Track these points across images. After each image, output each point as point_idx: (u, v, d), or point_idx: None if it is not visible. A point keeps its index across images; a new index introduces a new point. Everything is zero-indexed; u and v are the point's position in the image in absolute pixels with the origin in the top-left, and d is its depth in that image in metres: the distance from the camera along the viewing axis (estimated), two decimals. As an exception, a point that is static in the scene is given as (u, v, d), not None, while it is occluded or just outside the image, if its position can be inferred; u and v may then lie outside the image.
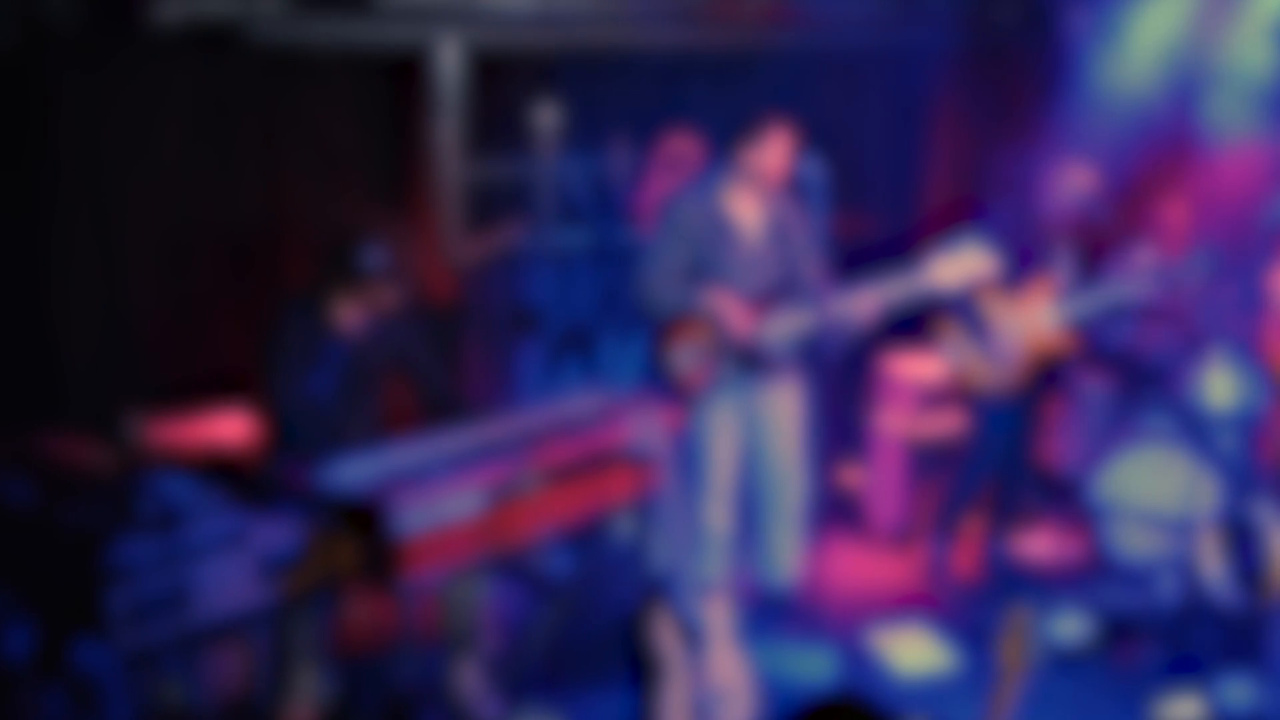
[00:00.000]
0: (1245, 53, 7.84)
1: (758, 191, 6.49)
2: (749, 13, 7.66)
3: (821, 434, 6.85)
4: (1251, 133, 8.43)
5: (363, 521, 5.01)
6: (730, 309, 6.38)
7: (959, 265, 6.42)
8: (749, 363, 6.50)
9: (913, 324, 7.18)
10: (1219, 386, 7.28)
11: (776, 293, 6.52)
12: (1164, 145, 7.94)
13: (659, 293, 6.47)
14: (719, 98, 8.09)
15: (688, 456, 6.67)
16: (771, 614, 6.95)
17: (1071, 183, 6.96)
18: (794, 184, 6.34)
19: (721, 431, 6.65)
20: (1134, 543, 7.49)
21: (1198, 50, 7.84)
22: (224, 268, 7.01)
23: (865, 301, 6.38)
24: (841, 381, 8.55)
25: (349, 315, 5.72)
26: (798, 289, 6.54)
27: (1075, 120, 7.48)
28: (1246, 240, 7.13)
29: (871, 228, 8.39)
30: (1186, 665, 6.25)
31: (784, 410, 6.76)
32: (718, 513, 6.74)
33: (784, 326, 6.49)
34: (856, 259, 8.14)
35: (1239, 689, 6.06)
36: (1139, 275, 7.05)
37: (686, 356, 6.50)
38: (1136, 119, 7.67)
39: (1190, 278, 6.87)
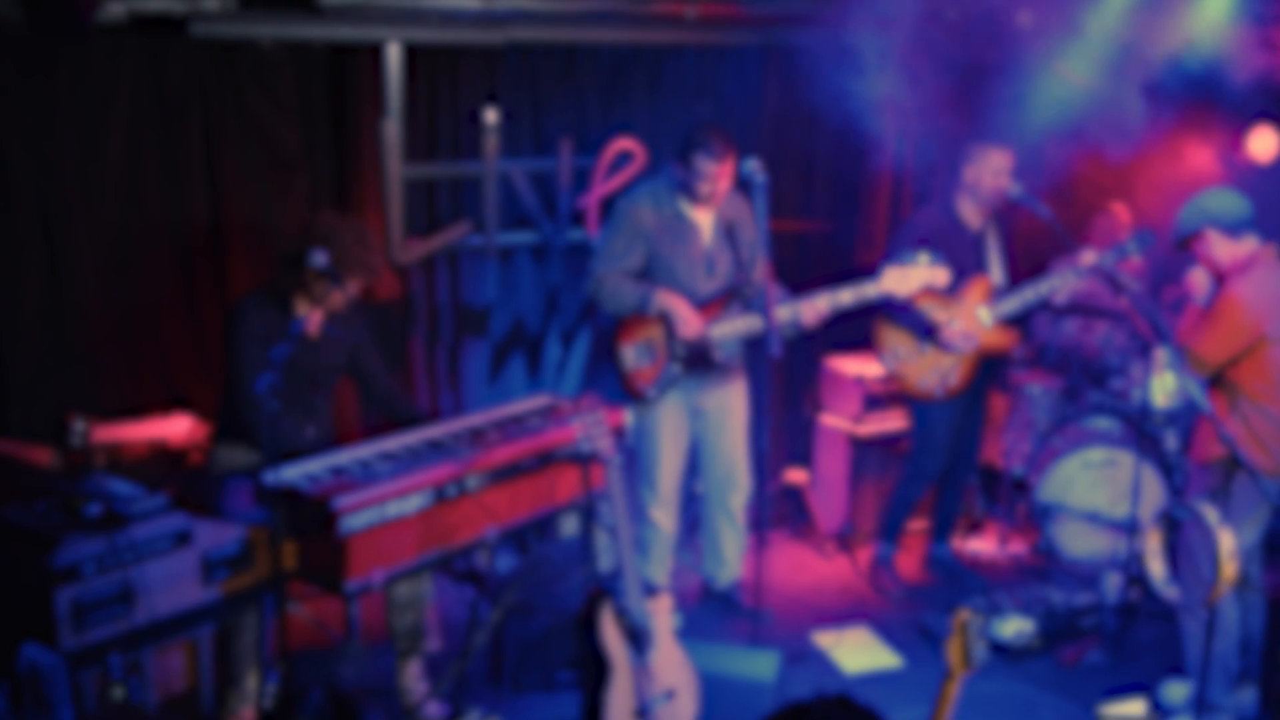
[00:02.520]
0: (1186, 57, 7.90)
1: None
2: (692, 12, 7.66)
3: (768, 434, 6.86)
4: (1191, 137, 8.55)
5: (308, 521, 5.00)
6: (681, 308, 6.39)
7: (912, 276, 6.45)
8: (697, 362, 6.52)
9: (854, 326, 7.20)
10: (1162, 387, 7.34)
11: (726, 291, 6.55)
12: (1106, 147, 7.99)
13: (612, 290, 6.48)
14: (664, 97, 8.09)
15: (634, 456, 6.70)
16: (716, 613, 6.98)
17: (989, 163, 6.96)
18: (738, 182, 6.36)
19: (668, 430, 6.67)
20: (1079, 543, 7.55)
21: (1141, 52, 7.89)
22: (169, 269, 6.97)
23: (815, 307, 6.42)
24: (788, 382, 8.59)
25: (301, 315, 5.71)
26: (746, 287, 6.56)
27: (1017, 118, 7.50)
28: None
29: (816, 226, 8.40)
30: (1133, 687, 6.32)
31: (731, 410, 6.79)
32: (663, 512, 6.76)
33: (733, 326, 6.51)
34: (801, 257, 8.20)
35: (1180, 689, 6.12)
36: (1069, 268, 7.09)
37: (636, 354, 6.51)
38: (1080, 119, 7.70)
39: (1127, 257, 6.91)
